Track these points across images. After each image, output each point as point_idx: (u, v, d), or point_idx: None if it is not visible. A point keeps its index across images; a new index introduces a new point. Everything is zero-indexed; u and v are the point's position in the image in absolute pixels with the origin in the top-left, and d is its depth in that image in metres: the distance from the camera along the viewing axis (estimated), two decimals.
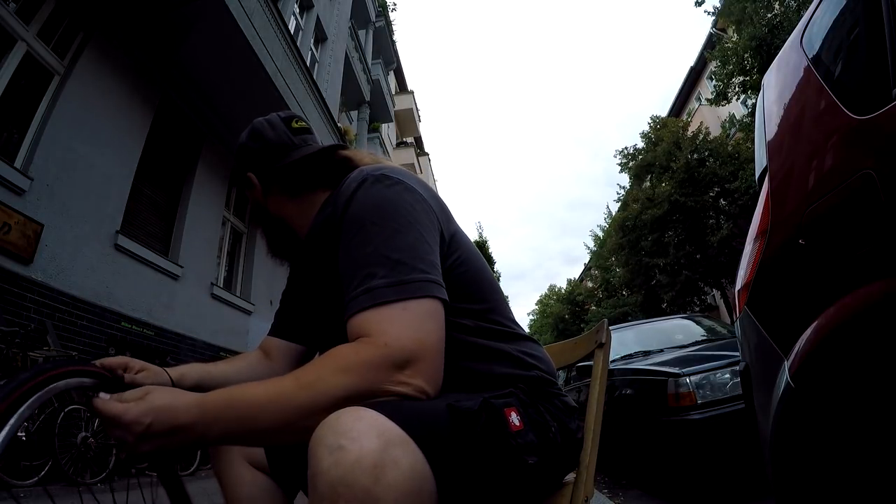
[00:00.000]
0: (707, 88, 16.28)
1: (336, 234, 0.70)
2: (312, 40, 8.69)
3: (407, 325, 0.57)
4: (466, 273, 0.74)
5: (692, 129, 15.26)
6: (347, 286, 0.63)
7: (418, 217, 0.67)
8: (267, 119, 0.90)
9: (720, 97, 11.78)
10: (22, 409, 0.52)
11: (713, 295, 16.32)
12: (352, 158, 0.87)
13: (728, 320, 12.71)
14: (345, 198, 0.69)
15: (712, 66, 12.97)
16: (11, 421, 0.50)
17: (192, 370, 0.88)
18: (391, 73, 17.18)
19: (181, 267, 5.25)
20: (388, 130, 16.66)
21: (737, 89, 11.43)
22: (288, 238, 0.90)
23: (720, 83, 11.57)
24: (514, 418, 0.63)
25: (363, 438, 0.45)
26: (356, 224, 0.66)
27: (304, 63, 6.63)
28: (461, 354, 0.70)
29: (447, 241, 0.72)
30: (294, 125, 0.89)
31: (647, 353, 3.66)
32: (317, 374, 0.55)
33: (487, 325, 0.74)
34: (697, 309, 15.58)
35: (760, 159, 1.20)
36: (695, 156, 14.04)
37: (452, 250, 0.73)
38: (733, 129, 13.66)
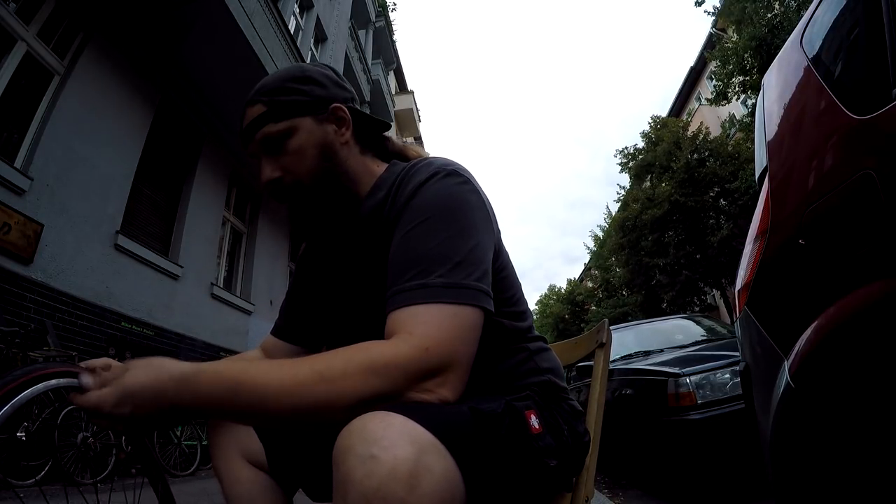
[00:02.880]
0: (707, 88, 16.27)
1: (390, 221, 0.67)
2: (312, 40, 8.68)
3: (453, 333, 0.55)
4: (508, 277, 0.74)
5: (692, 129, 15.25)
6: (398, 275, 0.60)
7: (481, 222, 0.65)
8: None
9: (720, 97, 11.76)
10: (5, 408, 0.53)
11: (713, 295, 16.31)
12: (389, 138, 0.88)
13: (728, 320, 12.70)
14: (413, 185, 0.66)
15: (712, 66, 12.95)
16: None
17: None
18: (391, 73, 17.18)
19: (181, 267, 5.25)
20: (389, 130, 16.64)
21: (737, 89, 11.41)
22: (331, 203, 0.75)
23: (720, 83, 11.55)
24: (534, 421, 0.62)
25: (396, 447, 0.43)
26: (421, 214, 0.63)
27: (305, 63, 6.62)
28: (493, 355, 0.69)
29: (496, 247, 0.72)
30: None
31: (647, 353, 3.66)
32: (343, 371, 0.52)
33: (518, 325, 0.74)
34: (697, 309, 15.56)
35: (760, 159, 1.20)
36: (695, 156, 14.04)
37: (499, 254, 0.73)
38: (733, 129, 13.66)
